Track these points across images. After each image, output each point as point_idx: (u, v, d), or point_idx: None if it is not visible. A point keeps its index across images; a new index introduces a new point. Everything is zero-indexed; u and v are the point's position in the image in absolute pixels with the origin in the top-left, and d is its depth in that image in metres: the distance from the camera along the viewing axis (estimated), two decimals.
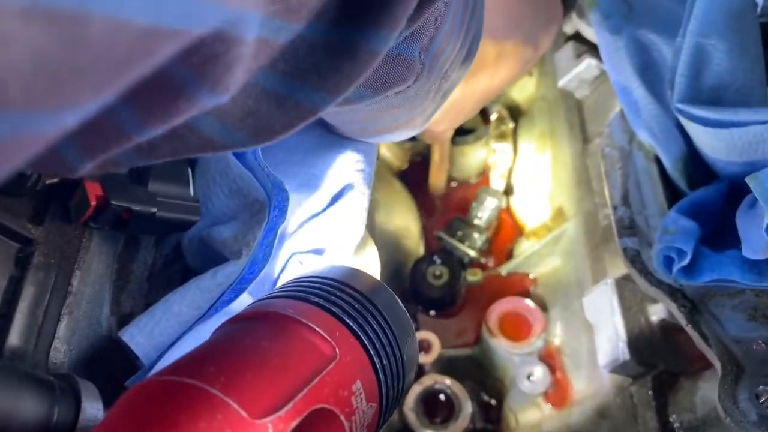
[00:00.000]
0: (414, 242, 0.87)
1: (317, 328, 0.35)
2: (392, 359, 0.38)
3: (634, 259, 0.52)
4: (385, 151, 0.92)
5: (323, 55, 0.32)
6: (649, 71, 0.58)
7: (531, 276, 0.82)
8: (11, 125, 0.17)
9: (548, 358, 0.73)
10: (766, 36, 0.59)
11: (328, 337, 0.35)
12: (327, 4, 0.30)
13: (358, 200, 0.51)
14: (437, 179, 0.90)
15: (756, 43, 0.55)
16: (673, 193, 0.55)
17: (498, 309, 0.76)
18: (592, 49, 0.76)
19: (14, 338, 0.38)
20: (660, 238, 0.49)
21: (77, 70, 0.18)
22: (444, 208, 0.92)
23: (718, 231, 0.53)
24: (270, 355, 0.32)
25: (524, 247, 0.84)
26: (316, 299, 0.38)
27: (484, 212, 0.84)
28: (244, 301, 0.43)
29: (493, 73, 0.64)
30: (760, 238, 0.44)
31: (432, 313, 0.82)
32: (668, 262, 0.48)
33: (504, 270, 0.84)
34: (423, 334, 0.75)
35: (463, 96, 0.63)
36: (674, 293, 0.49)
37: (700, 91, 0.54)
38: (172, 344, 0.40)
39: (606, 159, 0.58)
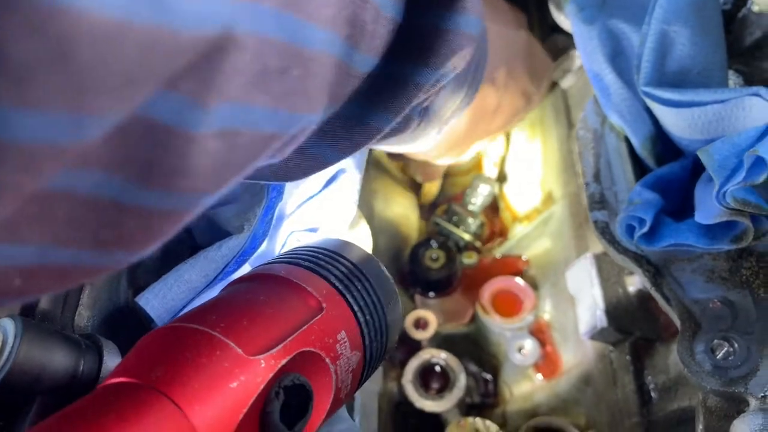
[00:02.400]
0: (412, 228, 0.92)
1: (306, 286, 0.40)
2: (375, 316, 0.43)
3: (604, 230, 0.57)
4: None
5: (340, 124, 0.41)
6: (619, 58, 0.62)
7: (523, 257, 0.87)
8: (188, 203, 0.27)
9: (538, 333, 0.78)
10: (729, 22, 0.64)
11: (315, 294, 0.40)
12: (353, 93, 0.38)
13: (350, 183, 0.56)
14: (428, 197, 0.97)
15: (717, 28, 0.59)
16: (641, 171, 0.59)
17: (491, 287, 0.80)
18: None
19: (44, 303, 0.43)
20: (625, 208, 0.53)
21: (233, 167, 0.28)
22: (441, 195, 0.97)
23: (683, 203, 0.57)
24: (264, 307, 0.38)
25: (517, 231, 0.88)
26: (307, 264, 0.43)
27: (478, 198, 0.89)
28: (245, 271, 0.49)
29: (491, 119, 0.73)
30: (712, 205, 0.49)
31: (431, 294, 0.87)
32: (630, 230, 0.52)
33: (498, 252, 0.89)
34: (420, 313, 0.80)
35: (466, 136, 0.72)
36: (639, 260, 0.54)
37: (664, 74, 0.58)
38: (183, 308, 0.45)
39: (580, 141, 0.63)
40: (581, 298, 0.65)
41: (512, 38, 0.75)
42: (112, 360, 0.41)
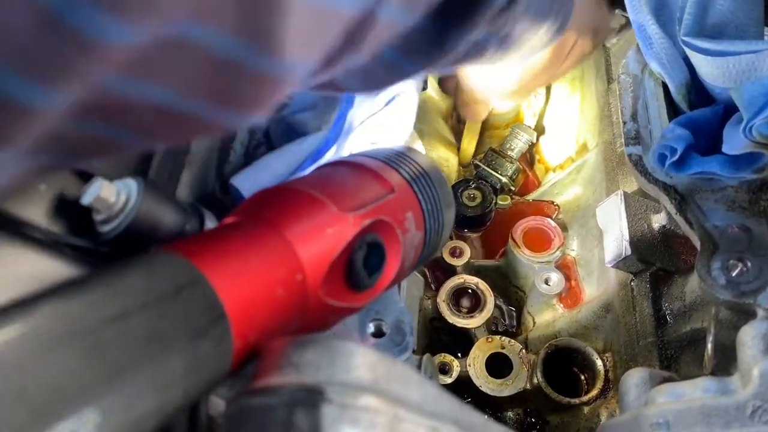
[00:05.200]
0: (452, 170, 0.99)
1: (381, 173, 0.47)
2: (435, 206, 0.50)
3: (637, 162, 0.63)
4: (433, 92, 1.03)
5: (423, 41, 0.47)
6: (663, 11, 0.67)
7: (555, 203, 0.93)
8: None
9: (564, 268, 0.84)
10: None
11: (388, 179, 0.47)
12: (435, 4, 0.43)
13: (408, 103, 0.63)
14: (467, 150, 1.01)
15: None
16: (674, 114, 0.65)
17: (523, 224, 0.86)
18: (618, 2, 0.86)
19: (153, 174, 0.51)
20: (658, 143, 0.59)
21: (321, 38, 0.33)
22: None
23: (710, 145, 0.63)
24: (349, 181, 0.45)
25: (550, 177, 0.95)
26: (382, 157, 0.50)
27: (517, 144, 0.95)
28: None
29: (564, 60, 0.77)
30: (739, 138, 0.55)
31: (466, 230, 0.94)
32: (662, 158, 0.58)
33: (531, 197, 0.95)
34: (455, 243, 0.86)
35: (539, 74, 0.77)
36: (668, 189, 0.60)
37: (704, 26, 0.63)
38: None
39: (621, 84, 0.68)
40: (609, 231, 0.72)
41: None
42: (211, 222, 0.49)
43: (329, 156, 0.58)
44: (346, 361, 0.32)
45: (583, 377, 0.78)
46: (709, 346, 0.58)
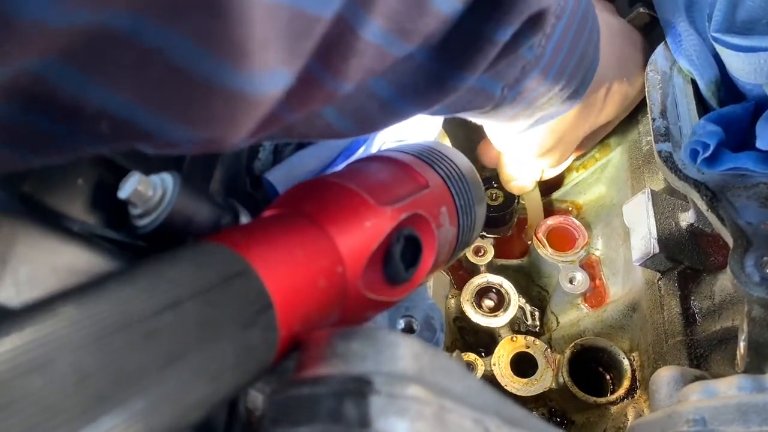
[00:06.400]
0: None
1: (415, 168, 0.47)
2: (467, 201, 0.50)
3: (667, 159, 0.62)
4: None
5: (420, 78, 0.43)
6: (693, 8, 0.67)
7: (578, 202, 0.92)
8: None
9: (589, 268, 0.84)
10: None
11: (422, 174, 0.47)
12: (432, 38, 0.40)
13: None
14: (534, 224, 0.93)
15: None
16: (704, 111, 0.65)
17: (547, 223, 0.86)
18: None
19: (186, 169, 0.51)
20: (690, 139, 0.59)
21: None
22: None
23: (742, 142, 0.63)
24: (385, 175, 0.45)
25: (573, 177, 0.94)
26: (415, 152, 0.50)
27: None
28: None
29: (600, 110, 0.74)
30: None
31: (487, 231, 0.94)
32: (694, 154, 0.58)
33: (554, 196, 0.95)
34: (478, 242, 0.86)
35: (573, 131, 0.73)
36: (699, 186, 0.60)
37: (734, 23, 0.63)
38: None
39: (649, 81, 0.68)
40: (636, 229, 0.71)
41: (615, 25, 0.75)
42: (246, 219, 0.49)
43: (360, 153, 0.58)
44: (392, 352, 0.32)
45: (608, 377, 0.78)
46: (742, 344, 0.57)
